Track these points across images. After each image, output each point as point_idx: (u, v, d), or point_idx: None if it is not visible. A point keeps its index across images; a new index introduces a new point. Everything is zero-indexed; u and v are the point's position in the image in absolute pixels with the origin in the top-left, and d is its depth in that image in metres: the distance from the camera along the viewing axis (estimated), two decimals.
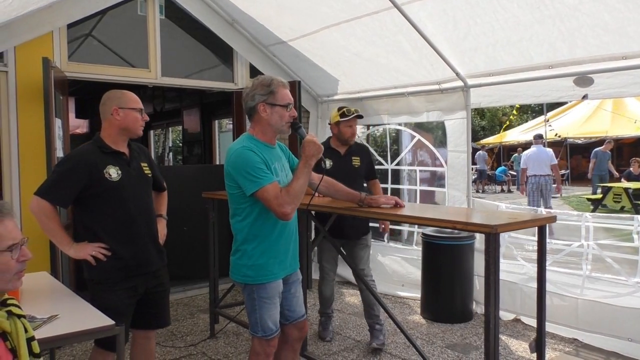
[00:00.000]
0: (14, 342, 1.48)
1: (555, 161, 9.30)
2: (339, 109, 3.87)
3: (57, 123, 4.22)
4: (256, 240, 2.42)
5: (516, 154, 19.68)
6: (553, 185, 9.23)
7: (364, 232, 4.00)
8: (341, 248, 3.60)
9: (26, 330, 1.53)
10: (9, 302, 1.54)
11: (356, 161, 3.92)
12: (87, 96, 9.43)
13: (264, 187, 2.28)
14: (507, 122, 23.99)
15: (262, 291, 2.42)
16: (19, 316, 1.53)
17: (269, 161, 2.39)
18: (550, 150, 9.58)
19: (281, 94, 2.41)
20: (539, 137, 9.69)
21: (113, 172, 2.50)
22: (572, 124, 18.47)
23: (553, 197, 10.79)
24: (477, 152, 19.32)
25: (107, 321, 2.07)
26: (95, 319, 2.12)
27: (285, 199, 2.28)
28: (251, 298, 2.44)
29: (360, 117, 3.87)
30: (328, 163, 3.40)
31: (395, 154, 5.94)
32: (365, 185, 4.10)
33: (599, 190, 12.93)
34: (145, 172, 2.68)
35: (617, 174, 14.17)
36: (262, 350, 2.49)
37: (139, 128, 2.60)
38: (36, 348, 1.55)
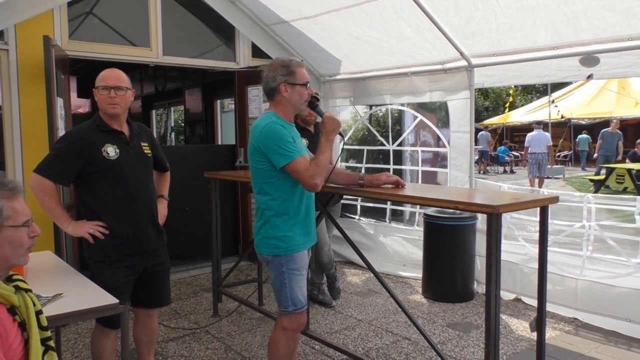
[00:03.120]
0: (22, 316, 1.52)
1: (551, 143, 12.58)
2: None
3: (59, 102, 4.21)
4: (285, 214, 2.48)
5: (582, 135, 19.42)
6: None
7: (336, 200, 4.52)
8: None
9: (34, 304, 1.56)
10: (14, 277, 1.58)
11: None
12: (89, 75, 9.38)
13: (296, 159, 2.36)
14: (510, 100, 23.82)
15: (291, 262, 2.48)
16: (26, 290, 1.56)
17: (295, 137, 2.47)
18: (547, 134, 12.66)
19: (300, 73, 2.48)
20: (538, 123, 12.85)
21: (111, 151, 2.51)
22: (576, 105, 18.32)
23: (556, 178, 14.64)
24: (480, 133, 19.22)
25: (111, 300, 2.09)
26: (99, 297, 2.14)
27: (316, 171, 2.38)
28: (280, 272, 2.49)
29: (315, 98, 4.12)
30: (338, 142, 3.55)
31: (398, 134, 5.92)
32: None
33: (603, 171, 12.90)
34: (145, 151, 2.69)
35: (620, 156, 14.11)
36: (291, 326, 2.54)
37: (106, 107, 2.52)
38: (44, 321, 1.59)
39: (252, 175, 2.55)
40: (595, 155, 14.03)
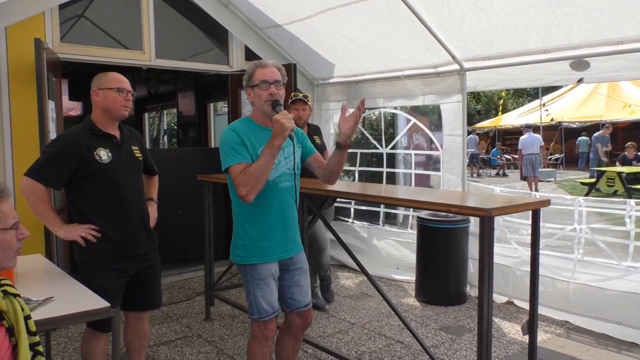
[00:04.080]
0: (10, 321, 1.50)
1: (543, 144, 13.96)
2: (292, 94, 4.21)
3: (50, 105, 4.18)
4: (247, 220, 2.43)
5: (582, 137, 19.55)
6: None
7: (329, 203, 4.57)
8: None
9: (22, 309, 1.55)
10: (2, 282, 1.56)
11: (317, 139, 4.33)
12: (81, 78, 9.34)
13: (231, 166, 2.30)
14: (502, 103, 23.95)
15: (254, 272, 2.43)
16: (14, 295, 1.54)
17: (254, 142, 2.35)
18: (538, 136, 13.79)
19: (257, 74, 2.38)
20: (528, 127, 13.93)
21: (103, 154, 2.49)
22: (567, 108, 18.46)
23: (547, 181, 15.21)
24: (468, 136, 19.33)
25: (102, 303, 2.08)
26: (90, 301, 2.13)
27: (242, 180, 2.24)
28: (245, 279, 2.47)
29: (302, 101, 4.18)
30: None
31: (391, 137, 5.93)
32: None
33: (595, 175, 13.03)
34: (136, 155, 2.68)
35: (605, 160, 14.27)
36: (260, 334, 2.50)
37: (119, 109, 2.53)
38: (32, 326, 1.57)
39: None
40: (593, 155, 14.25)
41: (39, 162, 2.48)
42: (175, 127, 12.29)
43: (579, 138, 19.72)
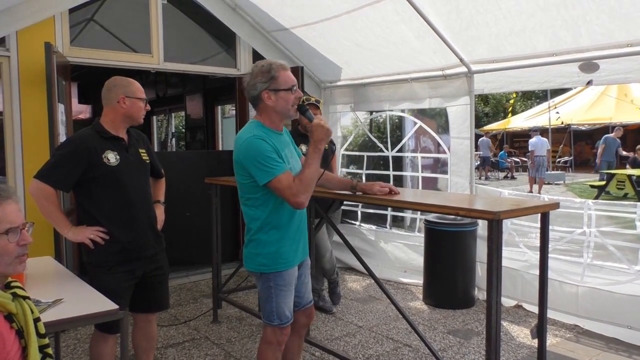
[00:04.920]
0: (20, 323, 1.50)
1: (549, 147, 14.92)
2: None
3: (60, 108, 4.22)
4: (272, 229, 2.38)
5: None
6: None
7: (336, 207, 4.49)
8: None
9: (32, 311, 1.55)
10: (12, 284, 1.56)
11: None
12: (90, 81, 9.41)
13: (277, 177, 2.22)
14: (510, 107, 23.85)
15: (278, 279, 2.40)
16: (24, 297, 1.55)
17: (279, 149, 2.32)
18: (545, 139, 14.86)
19: (283, 77, 2.32)
20: (536, 130, 15.06)
21: (111, 157, 2.52)
22: (576, 110, 18.35)
23: (556, 184, 15.81)
24: (480, 139, 19.27)
25: (111, 305, 2.09)
26: (99, 303, 2.14)
27: (299, 188, 2.23)
28: (267, 287, 2.42)
29: (315, 105, 4.15)
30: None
31: (397, 140, 5.92)
32: None
33: (605, 177, 12.92)
34: (144, 157, 2.71)
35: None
36: (275, 339, 2.48)
37: (141, 117, 2.65)
38: (42, 328, 1.58)
39: (238, 188, 2.44)
40: (598, 161, 14.10)
41: (48, 165, 2.51)
42: (183, 130, 12.34)
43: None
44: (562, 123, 17.96)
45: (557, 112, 17.77)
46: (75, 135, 2.61)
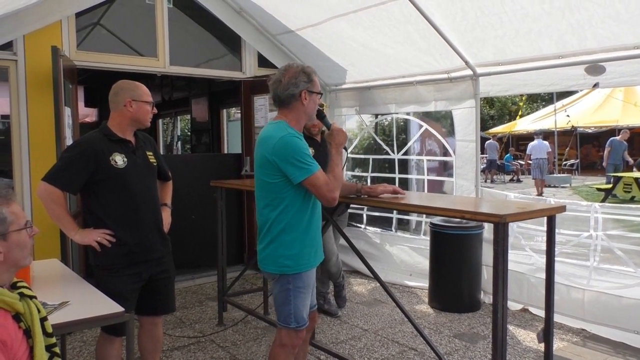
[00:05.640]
0: (27, 323, 1.53)
1: (550, 149, 15.20)
2: None
3: (67, 112, 4.24)
4: (295, 230, 2.39)
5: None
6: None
7: (342, 210, 4.45)
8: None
9: (39, 311, 1.57)
10: (19, 284, 1.59)
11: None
12: (96, 85, 9.47)
13: (315, 173, 2.29)
14: (520, 112, 23.79)
15: (298, 280, 2.41)
16: (31, 297, 1.57)
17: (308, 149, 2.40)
18: (546, 142, 15.18)
19: (317, 81, 2.45)
20: (538, 134, 15.53)
21: (119, 160, 2.53)
22: (582, 113, 18.26)
23: (562, 187, 16.17)
24: (487, 142, 19.21)
25: (117, 308, 2.10)
26: (105, 305, 2.15)
27: (335, 185, 2.34)
28: (286, 289, 2.42)
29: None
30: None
31: (403, 143, 5.92)
32: None
33: (612, 180, 12.86)
34: (151, 160, 2.72)
35: (632, 161, 14.09)
36: (290, 342, 2.48)
37: (148, 120, 2.66)
38: (49, 328, 1.61)
39: (260, 188, 2.43)
40: (604, 164, 14.04)
41: (56, 167, 2.52)
42: (189, 133, 12.38)
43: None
44: (572, 127, 17.87)
45: (568, 115, 17.69)
46: (83, 138, 2.62)
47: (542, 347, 2.74)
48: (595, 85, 3.95)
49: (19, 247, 1.55)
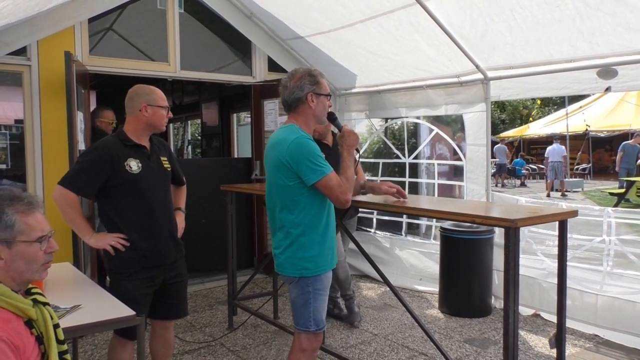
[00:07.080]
0: (40, 329, 1.52)
1: (566, 153, 15.90)
2: None
3: (79, 116, 4.28)
4: (313, 232, 2.40)
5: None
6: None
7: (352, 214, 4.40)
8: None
9: (51, 317, 1.57)
10: (33, 290, 1.59)
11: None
12: (108, 89, 9.55)
13: (328, 175, 2.30)
14: (535, 109, 23.63)
15: (317, 283, 2.42)
16: (44, 304, 1.57)
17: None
18: (562, 146, 15.81)
19: (324, 83, 2.44)
20: (556, 138, 16.13)
21: (134, 165, 2.54)
22: (594, 117, 18.12)
23: (575, 191, 16.15)
24: (496, 146, 19.10)
25: (128, 311, 2.11)
26: (117, 309, 2.16)
27: (348, 186, 2.35)
28: (305, 292, 2.41)
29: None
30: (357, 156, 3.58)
31: (413, 147, 5.91)
32: None
33: (625, 185, 12.72)
34: (165, 165, 2.73)
35: None
36: (311, 347, 2.47)
37: (164, 124, 2.68)
38: (61, 335, 1.60)
39: (275, 192, 2.43)
40: (617, 168, 13.91)
41: (72, 172, 2.55)
42: (199, 138, 12.44)
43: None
44: (588, 127, 17.69)
45: (585, 120, 17.56)
46: (99, 142, 2.65)
47: (554, 352, 2.71)
48: (608, 89, 3.91)
49: (24, 259, 1.50)
